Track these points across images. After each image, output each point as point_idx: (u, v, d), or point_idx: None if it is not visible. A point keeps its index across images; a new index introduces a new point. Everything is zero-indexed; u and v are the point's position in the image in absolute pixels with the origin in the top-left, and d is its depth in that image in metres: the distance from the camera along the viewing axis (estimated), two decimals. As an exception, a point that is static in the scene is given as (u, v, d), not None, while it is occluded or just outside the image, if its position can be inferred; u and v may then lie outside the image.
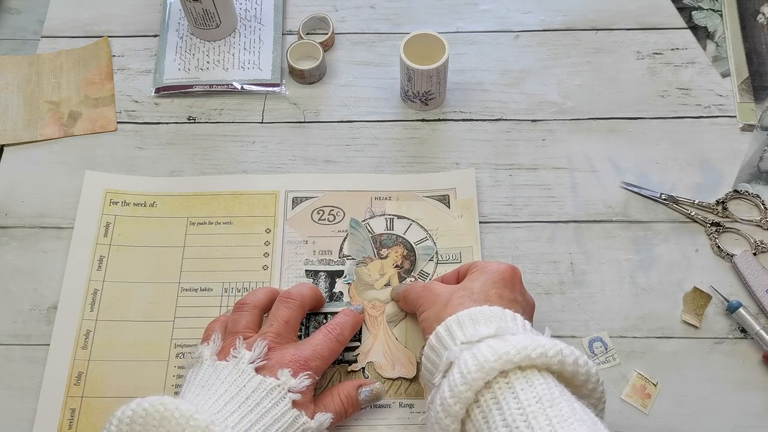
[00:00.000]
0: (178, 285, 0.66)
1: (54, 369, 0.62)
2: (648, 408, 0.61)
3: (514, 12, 0.81)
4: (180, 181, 0.71)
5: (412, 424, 0.60)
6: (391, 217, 0.69)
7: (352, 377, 0.61)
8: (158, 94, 0.76)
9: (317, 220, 0.69)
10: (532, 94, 0.76)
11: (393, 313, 0.64)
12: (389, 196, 0.70)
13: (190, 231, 0.68)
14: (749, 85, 0.75)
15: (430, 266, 0.66)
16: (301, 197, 0.70)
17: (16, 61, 0.78)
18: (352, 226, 0.68)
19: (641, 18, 0.80)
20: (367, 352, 0.63)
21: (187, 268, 0.67)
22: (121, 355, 0.63)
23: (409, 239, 0.68)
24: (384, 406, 0.61)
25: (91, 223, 0.68)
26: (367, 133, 0.74)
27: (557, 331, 0.64)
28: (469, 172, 0.71)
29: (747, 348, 0.63)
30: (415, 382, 0.61)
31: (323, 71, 0.77)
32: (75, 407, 0.61)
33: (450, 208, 0.69)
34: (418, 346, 0.63)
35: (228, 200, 0.70)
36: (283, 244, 0.68)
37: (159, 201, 0.70)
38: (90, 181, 0.71)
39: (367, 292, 0.65)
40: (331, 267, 0.67)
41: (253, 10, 0.81)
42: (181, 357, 0.63)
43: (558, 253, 0.67)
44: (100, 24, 0.81)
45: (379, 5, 0.82)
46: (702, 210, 0.69)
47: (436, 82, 0.71)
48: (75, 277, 0.66)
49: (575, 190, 0.71)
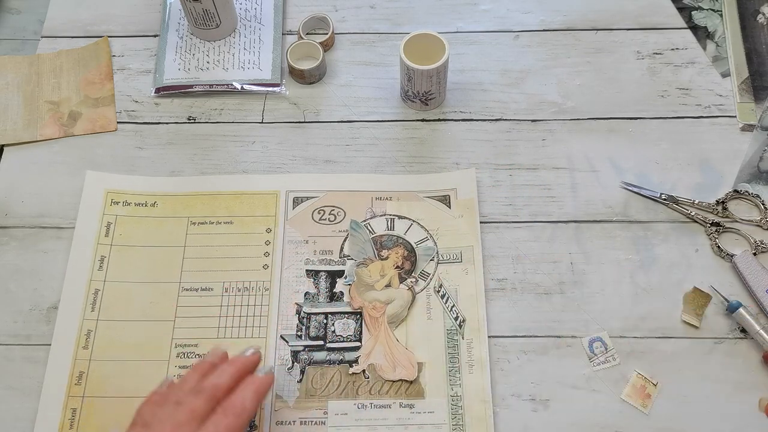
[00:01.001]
0: (179, 285, 0.66)
1: (55, 369, 0.62)
2: (648, 408, 0.61)
3: (514, 12, 0.81)
4: (181, 181, 0.71)
5: (412, 424, 0.60)
6: (392, 217, 0.69)
7: (354, 379, 0.62)
8: (158, 94, 0.76)
9: (318, 220, 0.69)
10: (532, 94, 0.76)
11: (394, 314, 0.64)
12: (390, 196, 0.70)
13: (190, 231, 0.68)
14: (749, 85, 0.75)
15: (431, 266, 0.66)
16: (301, 197, 0.70)
17: (16, 61, 0.78)
18: (352, 228, 0.68)
19: (641, 18, 0.80)
20: (368, 354, 0.63)
21: (187, 267, 0.67)
22: (122, 355, 0.63)
23: (410, 240, 0.68)
24: (385, 406, 0.61)
25: (92, 222, 0.68)
26: (367, 133, 0.74)
27: (557, 331, 0.64)
28: (469, 172, 0.71)
29: (747, 348, 0.63)
30: (415, 383, 0.61)
31: (323, 71, 0.77)
32: (76, 407, 0.61)
33: (451, 208, 0.69)
34: (418, 347, 0.63)
35: (229, 200, 0.70)
36: (284, 244, 0.68)
37: (160, 201, 0.70)
38: (91, 181, 0.71)
39: (368, 293, 0.65)
40: (331, 267, 0.67)
41: (253, 10, 0.81)
42: (181, 357, 0.63)
43: (558, 253, 0.67)
44: (100, 24, 0.81)
45: (379, 5, 0.82)
46: (702, 210, 0.69)
47: (436, 82, 0.71)
48: (76, 277, 0.66)
49: (575, 190, 0.71)
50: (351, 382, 0.62)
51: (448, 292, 0.65)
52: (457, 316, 0.64)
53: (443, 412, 0.60)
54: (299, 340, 0.64)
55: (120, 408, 0.60)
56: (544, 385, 0.62)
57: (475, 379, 0.61)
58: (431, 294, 0.65)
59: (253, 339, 0.64)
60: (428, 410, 0.60)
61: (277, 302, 0.65)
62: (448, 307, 0.64)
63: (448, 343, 0.63)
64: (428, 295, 0.65)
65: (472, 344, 0.63)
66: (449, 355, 0.62)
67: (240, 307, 0.65)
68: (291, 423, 0.60)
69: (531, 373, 0.62)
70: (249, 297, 0.65)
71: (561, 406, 0.61)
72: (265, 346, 0.63)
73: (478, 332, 0.63)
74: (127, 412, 0.57)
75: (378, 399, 0.61)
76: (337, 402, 0.61)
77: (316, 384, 0.62)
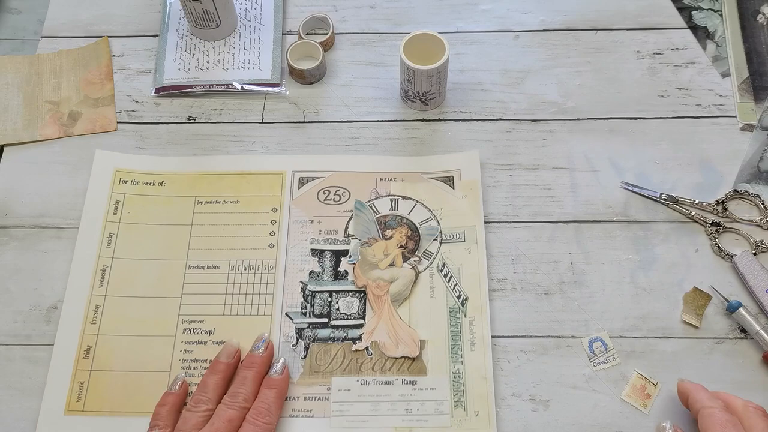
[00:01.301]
0: (186, 262, 0.67)
1: (64, 342, 0.63)
2: (648, 408, 0.61)
3: (514, 12, 0.81)
4: (188, 160, 0.72)
5: (415, 400, 0.61)
6: (396, 197, 0.70)
7: (357, 356, 0.63)
8: (158, 94, 0.76)
9: (323, 200, 0.70)
10: (532, 94, 0.76)
11: (397, 292, 0.65)
12: (394, 177, 0.71)
13: (197, 209, 0.69)
14: (749, 85, 0.75)
15: (434, 246, 0.67)
16: (307, 177, 0.71)
17: (16, 61, 0.78)
18: (357, 208, 0.69)
19: (641, 18, 0.80)
20: (371, 332, 0.64)
21: (194, 245, 0.68)
22: (129, 330, 0.64)
23: (414, 219, 0.69)
24: (387, 383, 0.62)
25: (101, 201, 0.69)
26: (367, 133, 0.74)
27: (557, 331, 0.64)
28: (473, 154, 0.71)
29: (747, 348, 0.63)
30: (418, 360, 0.62)
31: (323, 71, 0.77)
32: (84, 380, 0.62)
33: (454, 189, 0.70)
34: (421, 325, 0.64)
35: (235, 180, 0.71)
36: (289, 223, 0.69)
37: (167, 180, 0.71)
38: (100, 160, 0.72)
39: (372, 272, 0.66)
40: (336, 246, 0.68)
41: (253, 10, 0.81)
42: (188, 332, 0.64)
43: (558, 253, 0.68)
44: (100, 24, 0.81)
45: (379, 5, 0.82)
46: (702, 210, 0.69)
47: (436, 82, 0.71)
48: (85, 253, 0.67)
49: (575, 190, 0.71)
50: (354, 358, 0.63)
51: (450, 271, 0.66)
52: (459, 294, 0.65)
53: (445, 388, 0.61)
54: (304, 318, 0.65)
55: (127, 382, 0.62)
56: (544, 385, 0.62)
57: (477, 357, 0.62)
58: (434, 273, 0.66)
59: (258, 316, 0.65)
60: (430, 387, 0.62)
61: (282, 280, 0.66)
62: (450, 286, 0.65)
63: (451, 321, 0.64)
64: (431, 274, 0.66)
65: (474, 322, 0.64)
66: (451, 332, 0.63)
67: (246, 284, 0.66)
68: (295, 398, 0.61)
69: (531, 373, 0.62)
70: (254, 275, 0.66)
71: (561, 406, 0.61)
72: (270, 323, 0.64)
73: (480, 310, 0.64)
74: (134, 387, 0.62)
75: (381, 375, 0.62)
76: (340, 378, 0.62)
77: (320, 361, 0.63)
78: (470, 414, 0.60)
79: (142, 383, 0.62)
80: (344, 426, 0.60)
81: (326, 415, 0.61)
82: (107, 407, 0.61)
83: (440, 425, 0.60)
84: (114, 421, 0.60)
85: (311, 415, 0.61)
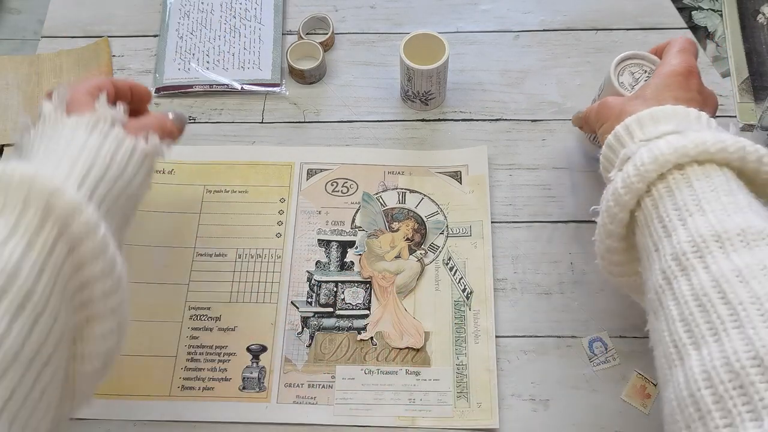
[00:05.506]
0: (194, 250, 0.68)
1: None
2: (648, 408, 0.61)
3: (514, 12, 0.81)
4: (198, 149, 0.73)
5: (418, 390, 0.61)
6: (404, 191, 0.70)
7: (362, 346, 0.63)
8: (158, 94, 0.76)
9: (331, 191, 0.70)
10: (532, 94, 0.76)
11: (402, 284, 0.66)
12: (402, 170, 0.71)
13: (206, 198, 0.70)
14: (749, 85, 0.75)
15: (441, 239, 0.68)
16: (315, 169, 0.71)
17: (16, 61, 0.78)
18: (364, 200, 0.70)
19: (641, 18, 0.80)
20: (376, 322, 0.64)
21: (202, 233, 0.69)
22: (136, 315, 0.64)
23: (420, 213, 0.69)
24: (391, 373, 0.62)
25: None
26: (367, 133, 0.74)
27: (557, 331, 0.64)
28: (481, 149, 0.72)
29: (747, 348, 0.63)
30: (422, 351, 0.63)
31: (323, 71, 0.77)
32: None
33: (462, 184, 0.70)
34: (426, 316, 0.64)
35: (244, 170, 0.72)
36: (297, 214, 0.69)
37: (177, 168, 0.72)
38: None
39: (378, 264, 0.67)
40: (343, 237, 0.68)
41: (253, 10, 0.81)
42: (194, 319, 0.65)
43: (558, 253, 0.67)
44: (100, 24, 0.81)
45: (379, 5, 0.82)
46: (702, 210, 0.69)
47: (436, 82, 0.71)
48: None
49: (575, 190, 0.70)
50: (359, 348, 0.63)
51: (456, 265, 0.66)
52: (464, 287, 0.65)
53: (448, 379, 0.62)
54: (309, 307, 0.65)
55: (134, 366, 0.63)
56: (544, 385, 0.62)
57: (481, 349, 0.63)
58: (440, 266, 0.67)
59: (264, 304, 0.66)
60: (434, 378, 0.62)
61: (288, 269, 0.67)
62: (456, 279, 0.66)
63: (455, 314, 0.64)
64: (437, 267, 0.67)
65: (479, 315, 0.64)
66: (455, 325, 0.64)
67: (252, 273, 0.67)
68: (299, 386, 0.62)
69: (531, 373, 0.62)
70: (261, 263, 0.67)
71: (561, 406, 0.61)
72: (276, 311, 0.65)
73: (485, 304, 0.64)
74: (141, 371, 0.63)
75: (385, 365, 0.63)
76: (344, 367, 0.63)
77: (325, 349, 0.63)
78: (473, 405, 0.61)
79: (148, 367, 0.63)
80: (347, 414, 0.61)
81: (330, 403, 0.61)
82: (114, 390, 0.62)
83: (443, 415, 0.60)
84: (121, 404, 0.61)
85: (315, 402, 0.61)
